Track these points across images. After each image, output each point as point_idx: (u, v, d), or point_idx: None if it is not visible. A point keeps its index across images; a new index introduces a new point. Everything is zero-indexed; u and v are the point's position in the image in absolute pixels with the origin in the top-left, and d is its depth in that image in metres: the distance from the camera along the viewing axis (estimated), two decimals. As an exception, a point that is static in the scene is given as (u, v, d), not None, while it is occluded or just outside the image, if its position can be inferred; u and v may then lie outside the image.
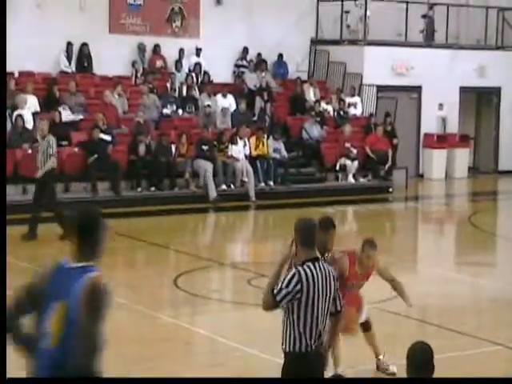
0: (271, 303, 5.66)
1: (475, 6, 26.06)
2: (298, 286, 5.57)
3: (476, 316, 11.42)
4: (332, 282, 5.70)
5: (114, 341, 9.93)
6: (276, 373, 8.50)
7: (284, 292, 5.58)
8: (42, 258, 13.59)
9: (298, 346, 5.64)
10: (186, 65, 21.90)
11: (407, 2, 24.14)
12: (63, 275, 4.67)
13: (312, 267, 5.63)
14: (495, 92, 25.77)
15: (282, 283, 5.62)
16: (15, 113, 17.73)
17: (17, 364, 4.94)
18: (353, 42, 23.86)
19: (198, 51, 21.93)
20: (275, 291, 5.62)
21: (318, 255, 5.83)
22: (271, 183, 19.68)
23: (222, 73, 22.38)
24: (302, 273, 5.59)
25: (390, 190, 21.08)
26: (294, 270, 5.64)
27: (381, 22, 23.70)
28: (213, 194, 18.53)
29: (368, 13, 23.60)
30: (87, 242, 4.74)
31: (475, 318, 11.27)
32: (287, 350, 5.70)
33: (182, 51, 21.77)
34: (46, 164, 14.39)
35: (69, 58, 20.51)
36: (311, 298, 5.58)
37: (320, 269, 5.65)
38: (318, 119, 21.48)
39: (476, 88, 25.32)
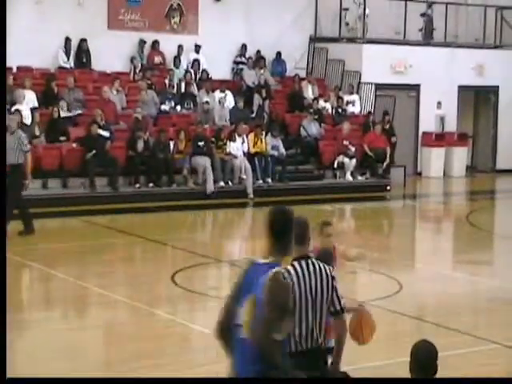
0: None
1: (474, 5, 26.08)
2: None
3: (473, 314, 11.41)
4: (325, 280, 5.37)
5: (113, 337, 10.01)
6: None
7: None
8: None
9: (288, 347, 5.31)
10: (185, 61, 21.89)
11: (406, 1, 24.15)
12: (255, 271, 5.16)
13: (301, 265, 5.33)
14: (493, 91, 25.79)
15: None
16: (13, 108, 17.72)
17: (17, 364, 4.96)
18: (351, 40, 23.86)
19: (197, 48, 21.92)
20: None
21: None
22: (269, 180, 19.69)
23: (220, 70, 22.38)
24: (289, 270, 5.27)
25: (388, 188, 21.08)
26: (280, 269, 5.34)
27: (379, 20, 23.73)
28: (210, 187, 18.55)
29: (367, 11, 23.61)
30: (281, 240, 5.17)
31: (472, 317, 11.26)
32: None
33: (180, 47, 21.76)
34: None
35: (67, 54, 20.50)
36: (298, 296, 5.28)
37: (310, 266, 5.36)
38: (316, 117, 21.48)
39: (474, 87, 25.35)
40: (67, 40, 20.33)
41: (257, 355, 5.04)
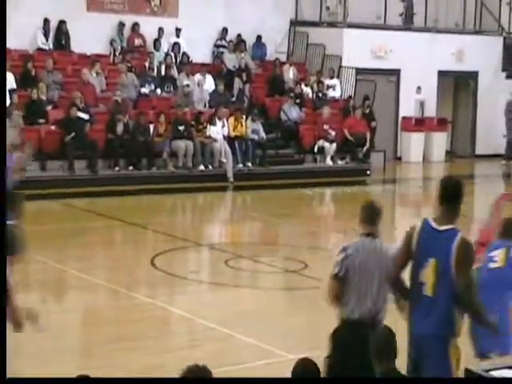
0: None
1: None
2: (342, 255, 6.11)
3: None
4: (382, 258, 6.03)
5: (92, 320, 9.97)
6: (253, 355, 8.52)
7: (336, 261, 6.15)
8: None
9: (343, 313, 6.05)
10: (165, 44, 21.76)
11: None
12: (433, 236, 5.66)
13: (362, 241, 6.14)
14: (473, 76, 25.84)
15: None
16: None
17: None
18: (332, 25, 23.80)
19: (178, 31, 21.79)
20: None
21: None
22: (249, 164, 19.64)
23: (201, 53, 22.27)
24: (351, 245, 6.14)
25: (368, 172, 21.11)
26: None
27: (360, 4, 23.67)
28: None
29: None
30: (452, 208, 5.71)
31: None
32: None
33: (161, 30, 21.62)
34: None
35: (46, 35, 20.32)
36: (355, 269, 6.01)
37: (369, 244, 6.13)
38: (297, 101, 21.45)
39: (454, 72, 25.37)
40: (46, 21, 20.13)
41: (441, 314, 5.55)
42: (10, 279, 6.34)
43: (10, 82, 18.43)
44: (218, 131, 19.29)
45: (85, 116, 18.31)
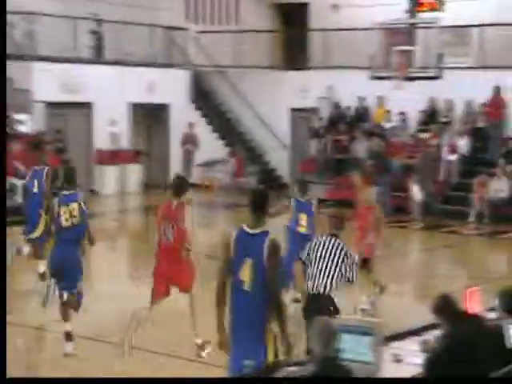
0: None
1: (142, 24, 26.51)
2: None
3: (159, 330, 11.48)
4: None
5: None
6: None
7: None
8: None
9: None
10: None
11: (75, 18, 23.99)
12: (247, 239, 6.62)
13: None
14: (164, 108, 26.40)
15: None
16: None
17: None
18: (19, 57, 23.22)
19: None
20: None
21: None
22: None
23: None
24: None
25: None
26: None
27: (49, 37, 23.34)
28: None
29: (36, 28, 23.15)
30: (260, 214, 6.68)
31: (158, 332, 11.32)
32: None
33: None
34: None
35: None
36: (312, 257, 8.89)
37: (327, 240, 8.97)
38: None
39: (146, 104, 25.78)
40: None
41: (257, 303, 6.57)
42: None
43: None
44: None
45: None
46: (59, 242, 10.27)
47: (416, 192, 21.34)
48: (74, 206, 10.33)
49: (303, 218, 11.99)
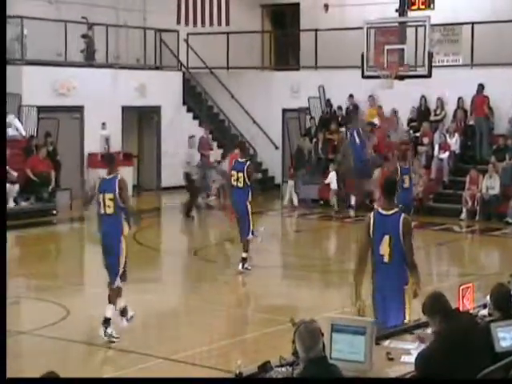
0: None
1: (133, 27, 26.50)
2: None
3: (144, 332, 11.51)
4: None
5: None
6: None
7: None
8: None
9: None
10: None
11: (66, 22, 23.95)
12: (384, 218, 8.10)
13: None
14: (156, 111, 26.36)
15: None
16: None
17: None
18: (9, 62, 23.14)
19: None
20: None
21: None
22: None
23: None
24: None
25: (55, 212, 20.76)
26: None
27: (39, 41, 23.31)
28: None
29: (25, 31, 23.11)
30: (392, 197, 8.23)
31: (144, 334, 11.36)
32: None
33: None
34: None
35: None
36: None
37: None
38: (-24, 142, 20.59)
39: (137, 107, 25.74)
40: None
41: (398, 272, 8.05)
42: None
43: None
44: None
45: None
46: None
47: (333, 179, 22.35)
48: None
49: None
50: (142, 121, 26.84)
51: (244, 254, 14.76)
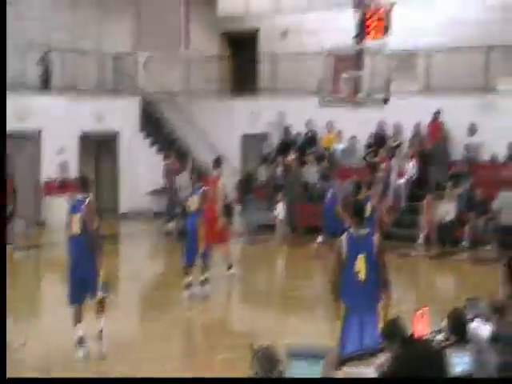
0: None
1: (91, 52, 26.41)
2: None
3: (100, 360, 11.36)
4: None
5: None
6: None
7: None
8: None
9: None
10: None
11: (23, 46, 23.83)
12: (356, 239, 8.53)
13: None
14: (113, 136, 26.25)
15: None
16: None
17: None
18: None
19: None
20: None
21: None
22: None
23: None
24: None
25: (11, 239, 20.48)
26: None
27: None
28: None
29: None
30: (361, 219, 8.71)
31: (101, 362, 11.21)
32: None
33: None
34: None
35: None
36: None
37: None
38: None
39: (95, 133, 25.61)
40: None
41: (373, 290, 8.45)
42: None
43: None
44: None
45: None
46: None
47: (280, 210, 22.35)
48: None
49: None
50: (99, 147, 26.70)
51: (189, 278, 14.81)
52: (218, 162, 16.96)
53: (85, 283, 10.96)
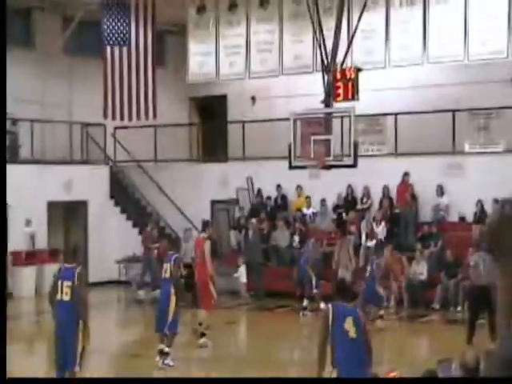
0: None
1: (59, 122, 26.37)
2: None
3: None
4: None
5: None
6: None
7: None
8: None
9: None
10: None
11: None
12: (343, 308, 9.06)
13: None
14: (82, 205, 26.08)
15: None
16: None
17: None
18: None
19: None
20: None
21: None
22: None
23: None
24: None
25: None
26: None
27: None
28: None
29: None
30: (345, 298, 9.27)
31: None
32: None
33: None
34: None
35: None
36: None
37: None
38: None
39: (64, 202, 25.44)
40: None
41: (363, 348, 8.79)
42: None
43: None
44: None
45: None
46: None
47: (242, 273, 22.47)
48: None
49: None
50: (68, 216, 26.49)
51: (166, 349, 14.52)
52: (205, 225, 17.21)
53: (66, 353, 10.91)
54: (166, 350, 14.57)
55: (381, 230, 22.42)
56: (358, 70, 20.04)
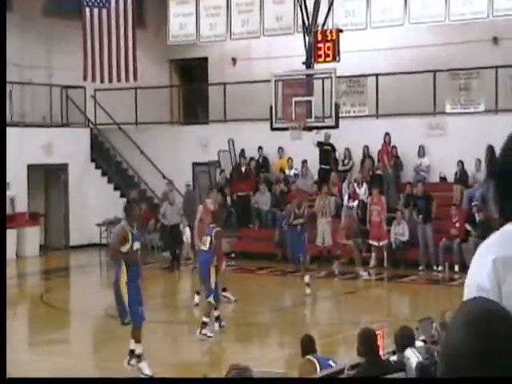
0: None
1: (39, 84, 26.13)
2: None
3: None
4: None
5: None
6: None
7: None
8: None
9: None
10: None
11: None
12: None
13: None
14: (63, 168, 25.92)
15: None
16: None
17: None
18: None
19: None
20: None
21: None
22: None
23: None
24: None
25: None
26: None
27: None
28: None
29: None
30: None
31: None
32: None
33: None
34: None
35: None
36: None
37: None
38: None
39: (44, 165, 25.27)
40: None
41: None
42: None
43: None
44: None
45: None
46: None
47: (187, 235, 22.26)
48: None
49: None
50: (48, 179, 26.34)
51: (204, 319, 13.79)
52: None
53: None
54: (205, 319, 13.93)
55: (363, 192, 22.44)
56: (339, 31, 19.98)
